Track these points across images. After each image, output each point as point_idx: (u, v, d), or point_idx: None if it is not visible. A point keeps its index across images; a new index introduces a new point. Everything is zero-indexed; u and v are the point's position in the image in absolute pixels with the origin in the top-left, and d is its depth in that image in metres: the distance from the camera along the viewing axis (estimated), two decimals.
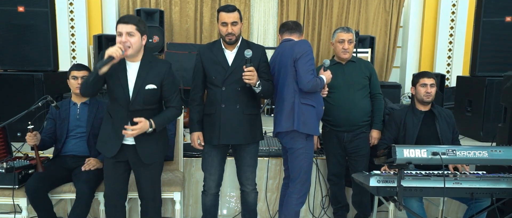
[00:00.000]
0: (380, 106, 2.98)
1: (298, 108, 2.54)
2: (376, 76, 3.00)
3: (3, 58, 3.87)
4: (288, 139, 2.62)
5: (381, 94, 3.00)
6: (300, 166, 2.61)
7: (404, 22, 6.23)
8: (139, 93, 2.30)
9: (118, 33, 2.23)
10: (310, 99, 2.57)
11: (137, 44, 2.26)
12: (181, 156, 3.11)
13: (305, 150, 2.62)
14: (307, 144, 2.62)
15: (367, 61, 3.11)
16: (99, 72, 2.16)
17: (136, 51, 2.28)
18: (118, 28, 2.24)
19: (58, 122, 2.78)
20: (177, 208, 2.83)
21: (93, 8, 5.68)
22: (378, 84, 3.01)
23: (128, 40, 2.22)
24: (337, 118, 2.92)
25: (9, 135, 2.96)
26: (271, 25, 6.08)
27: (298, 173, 2.62)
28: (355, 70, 2.93)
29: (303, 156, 2.61)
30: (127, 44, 2.22)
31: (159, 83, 2.34)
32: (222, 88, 2.50)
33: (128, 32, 2.22)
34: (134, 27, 2.23)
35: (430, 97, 2.80)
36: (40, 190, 2.54)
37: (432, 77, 2.83)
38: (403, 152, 2.11)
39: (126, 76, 2.30)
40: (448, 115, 2.88)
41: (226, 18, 2.44)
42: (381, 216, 3.30)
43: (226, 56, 2.52)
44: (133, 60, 2.32)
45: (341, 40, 2.89)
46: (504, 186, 2.25)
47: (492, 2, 4.02)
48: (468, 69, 4.34)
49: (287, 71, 2.55)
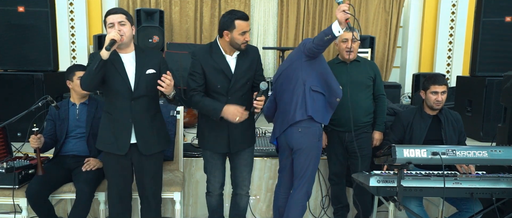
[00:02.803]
0: (383, 107, 2.97)
1: (309, 95, 2.52)
2: (380, 78, 2.98)
3: (3, 58, 3.87)
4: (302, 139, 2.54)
5: (385, 95, 2.99)
6: (308, 166, 2.57)
7: (404, 22, 6.23)
8: (140, 79, 2.33)
9: (110, 24, 2.26)
10: (320, 87, 2.54)
11: (129, 33, 2.30)
12: (181, 156, 3.11)
13: (317, 151, 2.60)
14: (318, 144, 2.61)
15: (372, 62, 3.08)
16: (103, 57, 2.17)
17: (129, 39, 2.31)
18: (109, 19, 2.27)
19: (58, 122, 2.78)
20: (177, 208, 2.83)
21: (93, 8, 5.68)
22: (382, 85, 3.00)
23: (121, 29, 2.25)
24: (339, 118, 2.90)
25: (9, 135, 2.96)
26: (271, 25, 6.08)
27: (307, 174, 2.58)
28: (360, 70, 2.90)
29: (314, 157, 2.58)
30: (121, 33, 2.24)
31: (157, 68, 2.39)
32: (227, 97, 2.46)
33: (119, 21, 2.26)
34: (124, 16, 2.28)
35: (440, 105, 2.76)
36: (41, 194, 2.54)
37: (443, 84, 2.75)
38: (403, 152, 2.11)
39: (124, 67, 2.33)
40: (456, 119, 2.85)
41: (246, 27, 2.38)
42: (381, 216, 3.30)
43: (228, 62, 2.47)
44: (126, 51, 2.35)
45: (344, 39, 2.84)
46: (504, 186, 2.25)
47: (492, 2, 4.02)
48: (468, 69, 4.33)
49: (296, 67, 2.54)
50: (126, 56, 2.35)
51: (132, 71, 2.34)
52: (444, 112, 2.83)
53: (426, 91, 2.81)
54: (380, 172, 2.35)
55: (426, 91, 2.81)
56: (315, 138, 2.57)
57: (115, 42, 2.20)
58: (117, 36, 2.20)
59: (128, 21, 2.29)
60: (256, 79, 2.54)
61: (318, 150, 2.63)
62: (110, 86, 2.33)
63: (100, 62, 2.18)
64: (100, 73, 2.23)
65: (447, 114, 2.84)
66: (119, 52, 2.34)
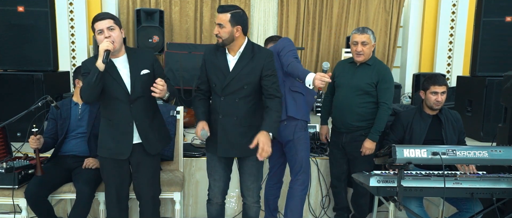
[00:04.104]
0: (381, 116, 2.77)
1: (289, 95, 2.62)
2: (386, 85, 2.79)
3: (3, 58, 3.86)
4: (287, 131, 2.64)
5: (387, 104, 2.77)
6: (301, 157, 2.65)
7: (404, 22, 6.23)
8: (136, 81, 2.32)
9: (98, 31, 2.23)
10: (299, 87, 2.65)
11: (119, 38, 2.28)
12: (181, 156, 3.11)
13: (304, 140, 2.69)
14: (305, 134, 2.70)
15: (384, 67, 2.88)
16: (99, 69, 2.17)
17: (119, 44, 2.29)
18: (97, 26, 2.23)
19: (59, 121, 2.78)
20: (177, 208, 2.82)
21: (93, 8, 5.68)
22: (387, 93, 2.79)
23: (111, 34, 2.23)
24: (334, 117, 2.98)
25: (9, 135, 2.96)
26: (271, 25, 6.08)
27: (300, 164, 2.65)
28: (363, 75, 2.81)
29: (303, 146, 2.67)
30: (111, 39, 2.22)
31: (151, 67, 2.38)
32: (221, 98, 2.38)
33: (108, 27, 2.23)
34: (112, 21, 2.25)
35: (440, 105, 2.76)
36: (39, 195, 2.53)
37: (443, 85, 2.74)
38: (403, 152, 2.11)
39: (118, 71, 2.32)
40: (456, 119, 2.85)
41: (216, 19, 2.35)
42: (381, 216, 3.30)
43: (227, 61, 2.38)
44: (117, 55, 2.33)
45: (354, 42, 2.81)
46: (504, 186, 2.25)
47: (492, 2, 4.02)
48: (468, 69, 4.33)
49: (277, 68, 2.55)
50: (119, 60, 2.34)
51: (126, 74, 2.32)
52: (444, 111, 2.83)
53: (426, 91, 2.80)
54: (380, 172, 2.34)
55: (426, 92, 2.80)
56: (301, 129, 2.68)
57: (110, 52, 2.18)
58: (109, 46, 2.18)
59: (117, 25, 2.27)
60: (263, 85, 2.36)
61: (306, 139, 2.72)
62: (108, 93, 2.31)
63: (99, 74, 2.18)
64: (100, 84, 2.23)
65: (447, 113, 2.84)
66: (111, 58, 2.30)
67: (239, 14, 2.34)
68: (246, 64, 2.34)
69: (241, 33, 2.35)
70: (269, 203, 2.94)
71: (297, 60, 2.56)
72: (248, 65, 2.35)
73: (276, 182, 2.92)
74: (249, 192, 2.51)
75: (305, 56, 6.04)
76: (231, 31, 2.30)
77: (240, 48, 2.37)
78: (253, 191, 2.51)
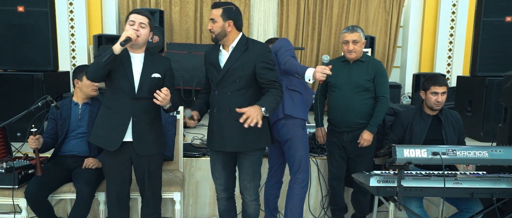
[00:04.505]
0: (381, 109, 2.82)
1: (287, 93, 2.61)
2: (382, 79, 2.83)
3: (3, 58, 3.87)
4: (285, 130, 2.64)
5: (386, 98, 2.82)
6: (300, 155, 2.65)
7: (404, 22, 6.23)
8: (145, 81, 2.34)
9: (131, 22, 2.28)
10: (296, 86, 2.65)
11: (145, 36, 2.32)
12: (181, 156, 3.11)
13: (303, 139, 2.68)
14: (303, 133, 2.69)
15: (377, 61, 2.93)
16: (115, 51, 2.18)
17: (143, 42, 2.33)
18: (132, 17, 2.29)
19: (59, 121, 2.78)
20: (177, 208, 2.82)
21: (93, 8, 5.68)
22: (385, 87, 2.84)
23: (140, 30, 2.28)
24: (334, 118, 2.94)
25: (9, 135, 2.96)
26: (271, 25, 6.07)
27: (299, 162, 2.65)
28: (360, 71, 2.84)
29: (302, 145, 2.66)
30: (138, 33, 2.26)
31: (163, 74, 2.40)
32: (215, 92, 2.42)
33: (140, 22, 2.28)
34: (147, 19, 2.31)
35: (440, 105, 2.76)
36: (39, 195, 2.53)
37: (444, 85, 2.74)
38: (403, 152, 2.11)
39: (131, 67, 2.34)
40: (456, 119, 2.85)
41: (210, 15, 2.39)
42: (381, 216, 3.30)
43: (220, 57, 2.43)
44: (137, 51, 2.36)
45: (345, 41, 2.83)
46: (504, 186, 2.25)
47: (492, 2, 4.02)
48: (468, 69, 4.34)
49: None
50: (135, 57, 2.36)
51: (138, 72, 2.34)
52: (444, 112, 2.83)
53: (426, 91, 2.80)
54: (380, 172, 2.35)
55: (426, 92, 2.80)
56: (299, 128, 2.67)
57: (130, 40, 2.21)
58: (133, 34, 2.22)
59: (149, 26, 2.32)
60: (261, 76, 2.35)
61: (304, 138, 2.70)
62: (114, 82, 2.33)
63: (111, 56, 2.19)
64: (108, 67, 2.23)
65: (447, 114, 2.84)
66: (130, 51, 2.35)
67: (231, 9, 2.38)
68: (238, 58, 2.37)
69: (234, 28, 2.37)
70: (269, 203, 2.94)
71: (295, 58, 2.56)
72: (240, 58, 2.37)
73: (275, 182, 2.92)
74: (246, 190, 2.55)
75: (305, 56, 6.04)
76: (222, 25, 2.34)
77: (233, 43, 2.40)
78: (250, 190, 2.54)
